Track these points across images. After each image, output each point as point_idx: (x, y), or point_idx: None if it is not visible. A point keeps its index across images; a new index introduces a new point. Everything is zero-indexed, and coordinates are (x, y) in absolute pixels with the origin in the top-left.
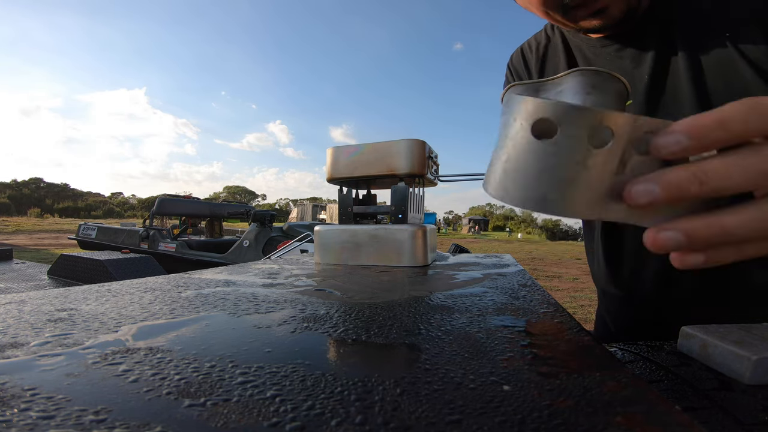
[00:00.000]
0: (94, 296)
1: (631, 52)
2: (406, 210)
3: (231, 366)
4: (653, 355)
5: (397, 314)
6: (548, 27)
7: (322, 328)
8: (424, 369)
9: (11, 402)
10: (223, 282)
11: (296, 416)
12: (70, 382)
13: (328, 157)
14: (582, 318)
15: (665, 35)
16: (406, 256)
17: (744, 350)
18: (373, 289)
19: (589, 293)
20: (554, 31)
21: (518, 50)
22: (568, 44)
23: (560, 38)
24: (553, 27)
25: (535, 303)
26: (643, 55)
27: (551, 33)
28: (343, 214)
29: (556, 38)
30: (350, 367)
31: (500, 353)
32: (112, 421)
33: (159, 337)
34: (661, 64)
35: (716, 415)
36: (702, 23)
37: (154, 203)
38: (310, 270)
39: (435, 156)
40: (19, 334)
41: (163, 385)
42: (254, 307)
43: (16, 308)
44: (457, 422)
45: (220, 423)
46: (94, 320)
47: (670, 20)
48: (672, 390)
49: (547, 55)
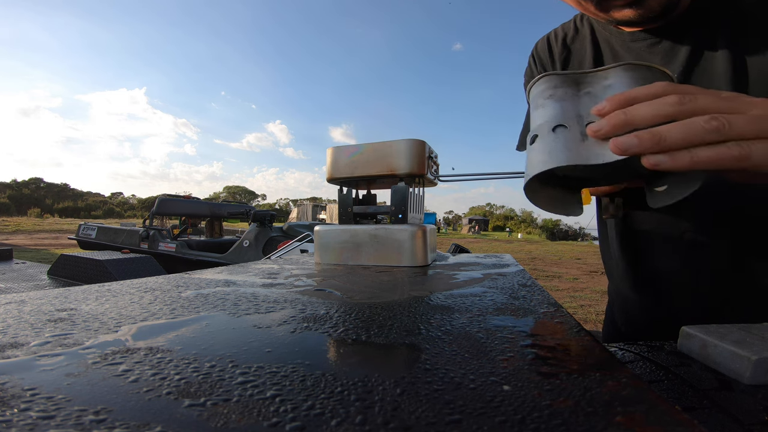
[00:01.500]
0: (94, 296)
1: (662, 49)
2: (406, 210)
3: (231, 366)
4: (653, 355)
5: (397, 314)
6: (578, 18)
7: (322, 328)
8: (424, 369)
9: (11, 402)
10: (223, 282)
11: (296, 416)
12: (70, 382)
13: (328, 157)
14: (582, 318)
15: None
16: (406, 256)
17: (744, 350)
18: (373, 289)
19: (589, 293)
20: (583, 23)
21: (544, 38)
22: (596, 37)
23: (589, 30)
24: (582, 18)
25: (535, 303)
26: (675, 53)
27: (580, 24)
28: (343, 214)
29: (585, 30)
30: (350, 367)
31: (500, 353)
32: (112, 421)
33: (159, 337)
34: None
35: (716, 415)
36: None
37: (154, 203)
38: (310, 270)
39: (435, 156)
40: (19, 334)
41: (163, 385)
42: (254, 307)
43: (16, 308)
44: (457, 422)
45: (220, 423)
46: (94, 320)
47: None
48: (672, 390)
49: (573, 45)
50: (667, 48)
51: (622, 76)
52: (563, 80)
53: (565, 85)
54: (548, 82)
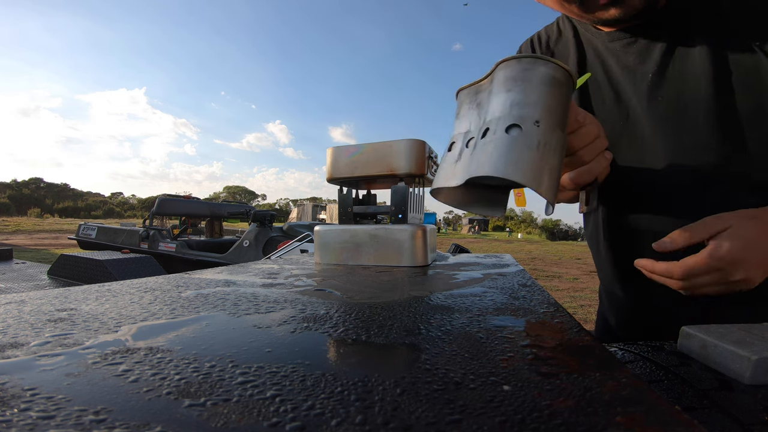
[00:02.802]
0: (94, 296)
1: (637, 48)
2: (406, 210)
3: (231, 366)
4: (653, 355)
5: (397, 314)
6: (560, 20)
7: (322, 328)
8: (424, 369)
9: (11, 402)
10: (223, 282)
11: (296, 416)
12: (70, 382)
13: (328, 157)
14: (582, 318)
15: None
16: (406, 256)
17: (744, 350)
18: (373, 289)
19: (588, 293)
20: (565, 25)
21: (528, 41)
22: (579, 38)
23: (572, 32)
24: (565, 20)
25: (535, 303)
26: (650, 52)
27: (563, 26)
28: (343, 214)
29: (567, 31)
30: (350, 367)
31: (500, 353)
32: (112, 421)
33: (159, 337)
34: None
35: (716, 415)
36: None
37: (154, 203)
38: (310, 270)
39: (435, 156)
40: (19, 334)
41: (163, 385)
42: (254, 307)
43: (16, 308)
44: (457, 422)
45: (220, 423)
46: (94, 320)
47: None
48: (672, 390)
49: (557, 48)
50: (642, 47)
51: (500, 77)
52: (467, 93)
53: (467, 99)
54: (459, 97)
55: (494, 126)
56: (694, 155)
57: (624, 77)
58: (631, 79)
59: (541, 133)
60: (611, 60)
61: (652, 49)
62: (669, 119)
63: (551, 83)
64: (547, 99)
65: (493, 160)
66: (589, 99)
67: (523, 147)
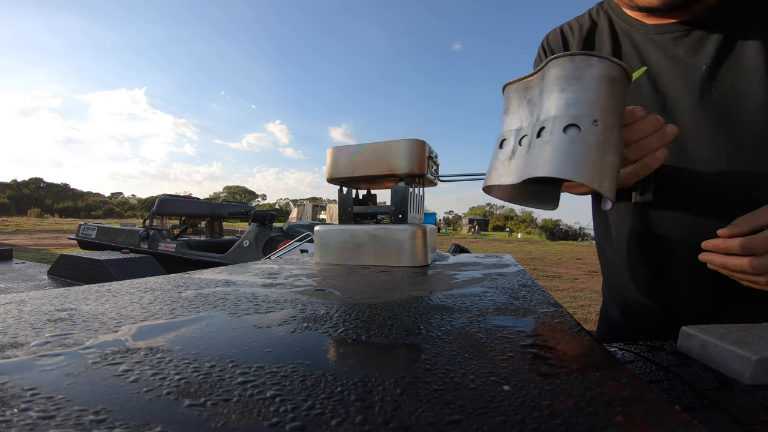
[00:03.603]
0: (94, 296)
1: (690, 41)
2: (406, 210)
3: (231, 366)
4: (653, 355)
5: (397, 314)
6: (593, 11)
7: (322, 328)
8: (424, 369)
9: (11, 402)
10: (223, 282)
11: (296, 416)
12: (70, 382)
13: (328, 157)
14: (582, 318)
15: (735, 29)
16: (406, 256)
17: (744, 350)
18: (373, 289)
19: (589, 293)
20: (600, 16)
21: (557, 30)
22: (615, 30)
23: (607, 23)
24: (599, 11)
25: (535, 303)
26: (703, 46)
27: (596, 17)
28: (343, 214)
29: (603, 23)
30: (350, 367)
31: (500, 353)
32: (112, 421)
33: (159, 337)
34: (725, 57)
35: (716, 415)
36: None
37: (154, 203)
38: (310, 270)
39: (435, 156)
40: (19, 334)
41: (163, 385)
42: (254, 307)
43: (16, 308)
44: (457, 422)
45: (220, 423)
46: (94, 320)
47: (744, 14)
48: (672, 390)
49: (591, 38)
50: (695, 40)
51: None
52: (515, 89)
53: (516, 95)
54: (507, 92)
55: (550, 125)
56: (746, 148)
57: (671, 69)
58: (680, 70)
59: (600, 132)
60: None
61: (706, 42)
62: (723, 111)
63: (607, 81)
64: (604, 97)
65: (554, 161)
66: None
67: (582, 147)
